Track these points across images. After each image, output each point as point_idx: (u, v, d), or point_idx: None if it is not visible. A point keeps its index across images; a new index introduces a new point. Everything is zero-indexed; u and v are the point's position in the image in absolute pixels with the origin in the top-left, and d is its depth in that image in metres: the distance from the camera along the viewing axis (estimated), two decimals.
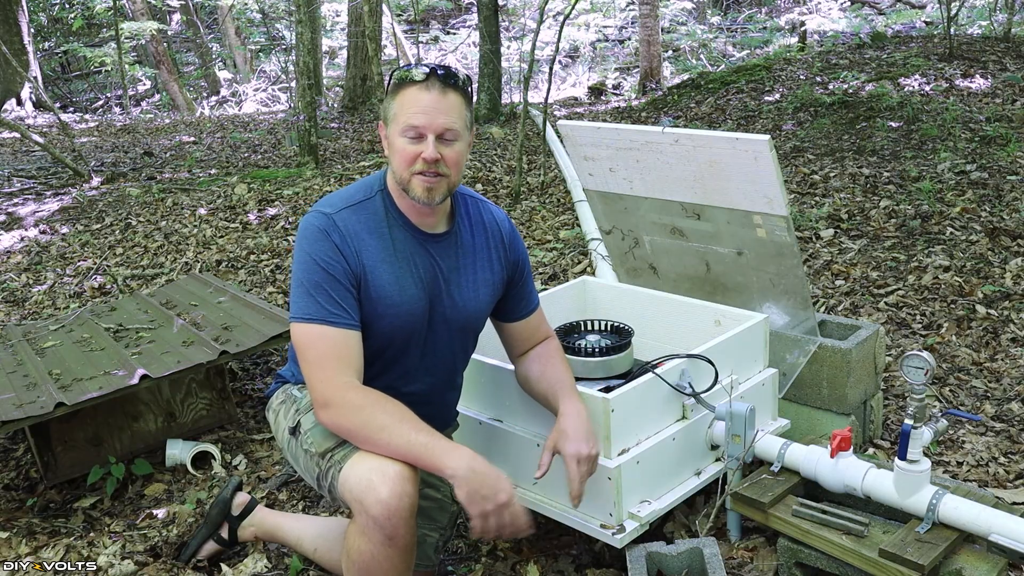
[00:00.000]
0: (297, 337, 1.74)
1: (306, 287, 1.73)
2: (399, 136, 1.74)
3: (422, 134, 1.72)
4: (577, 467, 1.78)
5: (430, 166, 1.72)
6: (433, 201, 1.76)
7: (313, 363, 1.70)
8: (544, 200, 5.77)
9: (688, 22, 15.25)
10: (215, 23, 17.92)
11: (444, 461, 1.61)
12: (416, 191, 1.75)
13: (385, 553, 1.64)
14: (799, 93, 7.52)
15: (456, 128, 1.74)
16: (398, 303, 1.78)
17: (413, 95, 1.73)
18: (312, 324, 1.71)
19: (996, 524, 1.74)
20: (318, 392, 1.69)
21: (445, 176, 1.75)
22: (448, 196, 1.80)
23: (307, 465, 1.81)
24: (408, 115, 1.72)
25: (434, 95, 1.72)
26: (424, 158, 1.71)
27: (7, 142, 10.73)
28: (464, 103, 1.77)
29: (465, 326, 1.93)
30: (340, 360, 1.70)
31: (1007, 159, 5.19)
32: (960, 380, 2.95)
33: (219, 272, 4.88)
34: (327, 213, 1.77)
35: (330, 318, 1.71)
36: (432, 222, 1.85)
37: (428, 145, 1.71)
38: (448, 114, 1.73)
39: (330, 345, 1.70)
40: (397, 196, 1.83)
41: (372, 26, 7.38)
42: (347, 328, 1.72)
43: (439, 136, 1.72)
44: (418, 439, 1.63)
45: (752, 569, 2.02)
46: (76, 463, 2.77)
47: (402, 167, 1.75)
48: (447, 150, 1.74)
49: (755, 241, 2.42)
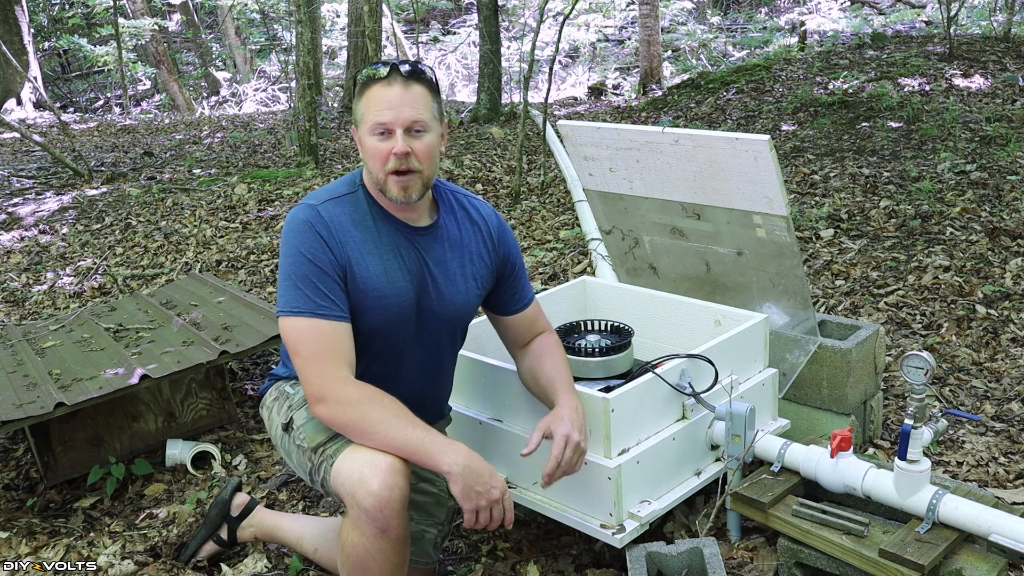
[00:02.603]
0: (287, 331, 1.73)
1: (293, 280, 1.72)
2: (369, 135, 1.74)
3: (390, 129, 1.72)
4: (563, 449, 1.77)
5: (402, 161, 1.71)
6: (411, 199, 1.76)
7: (307, 358, 1.70)
8: (544, 200, 5.77)
9: (688, 22, 15.24)
10: (215, 23, 17.92)
11: (440, 458, 1.63)
12: (392, 191, 1.74)
13: (378, 546, 1.64)
14: (799, 93, 7.52)
15: (424, 119, 1.73)
16: (387, 294, 1.78)
17: (377, 93, 1.73)
18: (301, 317, 1.70)
19: (996, 524, 1.73)
20: (314, 387, 1.69)
21: (418, 171, 1.74)
22: (425, 191, 1.79)
23: (300, 460, 1.81)
24: (374, 113, 1.72)
25: (397, 90, 1.72)
26: (395, 152, 1.70)
27: (7, 142, 10.73)
28: (430, 95, 1.77)
29: (453, 319, 1.92)
30: (333, 354, 1.70)
31: (1007, 159, 5.19)
32: (960, 380, 2.95)
33: (219, 272, 4.88)
34: (312, 205, 1.77)
35: (319, 311, 1.70)
36: (415, 216, 1.85)
37: (397, 139, 1.71)
38: (413, 106, 1.72)
39: (321, 339, 1.70)
40: (376, 194, 1.82)
41: (372, 26, 7.38)
42: (337, 320, 1.72)
43: (407, 129, 1.72)
44: (414, 435, 1.64)
45: (752, 569, 2.02)
46: (76, 463, 2.77)
47: (377, 167, 1.74)
48: (416, 143, 1.73)
49: (755, 241, 2.42)
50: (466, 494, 1.62)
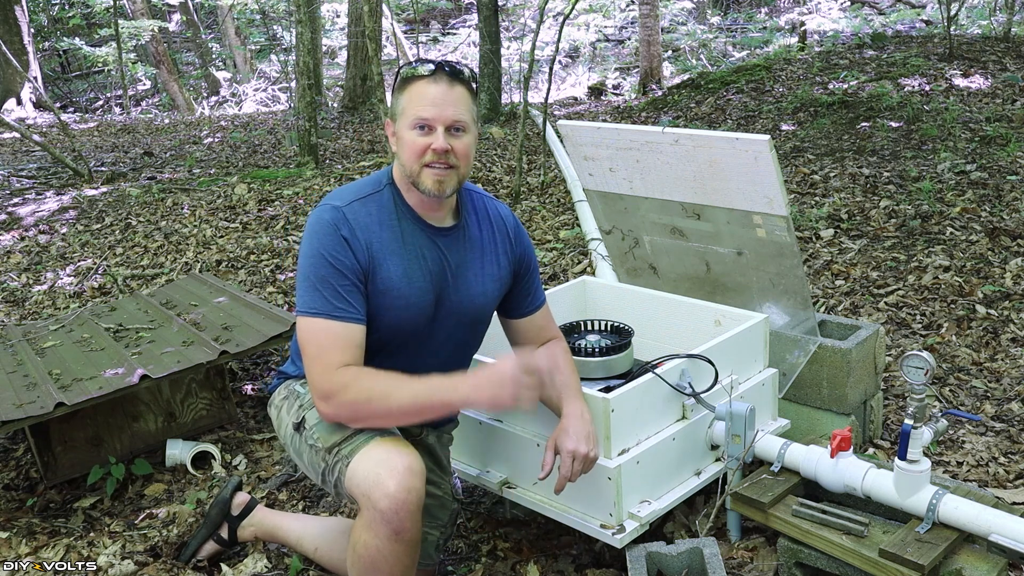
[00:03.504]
0: (301, 331, 1.75)
1: (312, 281, 1.73)
2: (408, 130, 1.76)
3: (432, 126, 1.74)
4: (571, 464, 1.80)
5: (440, 157, 1.74)
6: (444, 193, 1.77)
7: (313, 357, 1.71)
8: (544, 200, 5.77)
9: (688, 22, 15.24)
10: (215, 23, 17.92)
11: (451, 397, 1.70)
12: (426, 183, 1.76)
13: (391, 547, 1.65)
14: (799, 93, 7.52)
15: (464, 120, 1.76)
16: (406, 295, 1.79)
17: (421, 89, 1.75)
18: (317, 318, 1.72)
19: (996, 524, 1.74)
20: (317, 385, 1.70)
21: (455, 168, 1.77)
22: (458, 189, 1.82)
23: (312, 460, 1.81)
24: (417, 108, 1.74)
25: (442, 88, 1.75)
26: (434, 149, 1.73)
27: (7, 142, 10.73)
28: (470, 97, 1.80)
29: (472, 320, 1.94)
30: (340, 353, 1.71)
31: (1007, 159, 5.19)
32: (960, 380, 2.95)
33: (219, 272, 4.88)
34: (337, 206, 1.78)
35: (335, 312, 1.72)
36: (440, 216, 1.86)
37: (438, 136, 1.74)
38: (456, 106, 1.75)
39: (332, 339, 1.71)
40: (405, 190, 1.83)
41: (372, 26, 7.37)
42: (351, 322, 1.73)
43: (448, 128, 1.75)
44: (420, 388, 1.69)
45: (752, 569, 2.02)
46: (76, 463, 2.77)
47: (412, 160, 1.76)
48: (456, 142, 1.76)
49: (755, 241, 2.42)
50: (495, 403, 1.66)
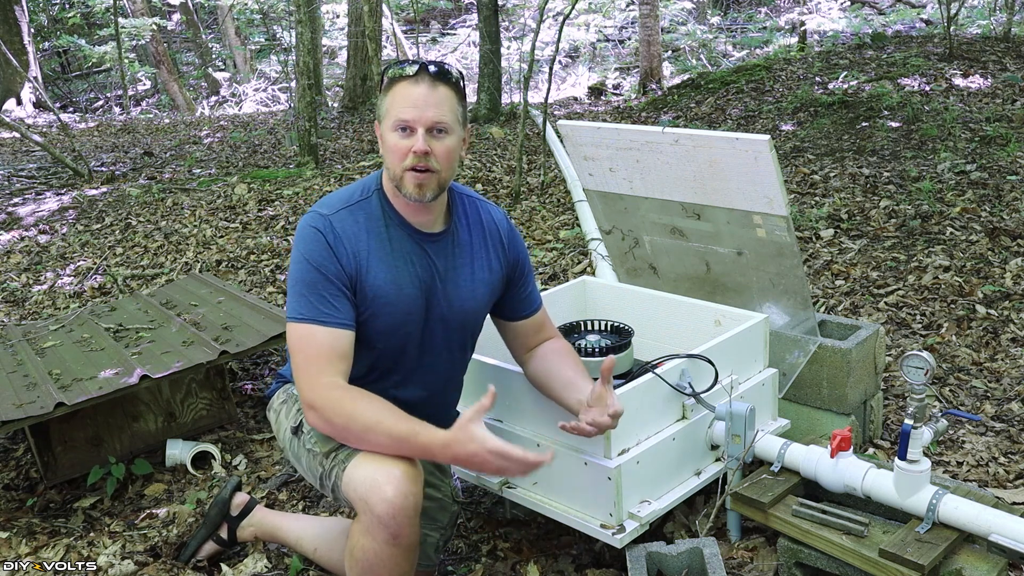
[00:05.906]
0: (290, 337, 1.74)
1: (299, 288, 1.73)
2: (391, 131, 1.74)
3: (412, 127, 1.72)
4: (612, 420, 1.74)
5: (420, 159, 1.71)
6: (424, 197, 1.75)
7: (300, 365, 1.71)
8: (544, 200, 5.77)
9: (688, 22, 15.23)
10: (215, 23, 17.91)
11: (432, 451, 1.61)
12: (407, 187, 1.74)
13: (389, 552, 1.65)
14: (799, 93, 7.52)
15: (446, 122, 1.73)
16: (394, 302, 1.78)
17: (403, 90, 1.73)
18: (303, 324, 1.71)
19: (996, 524, 1.74)
20: (304, 395, 1.70)
21: (435, 172, 1.74)
22: (440, 193, 1.79)
23: (310, 464, 1.81)
24: (398, 110, 1.73)
25: (423, 89, 1.72)
26: (414, 150, 1.71)
27: (7, 142, 10.73)
28: (456, 98, 1.77)
29: (463, 325, 1.92)
30: (327, 361, 1.69)
31: (1007, 159, 5.19)
32: (960, 380, 2.95)
33: (219, 272, 4.88)
34: (323, 214, 1.77)
35: (321, 318, 1.71)
36: (428, 220, 1.84)
37: (418, 138, 1.71)
38: (438, 107, 1.72)
39: (318, 345, 1.70)
40: (392, 195, 1.82)
41: (372, 26, 7.38)
42: (338, 327, 1.72)
43: (429, 129, 1.72)
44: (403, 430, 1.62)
45: (752, 569, 2.02)
46: (76, 463, 2.77)
47: (395, 163, 1.74)
48: (437, 144, 1.73)
49: (755, 241, 2.42)
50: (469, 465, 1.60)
